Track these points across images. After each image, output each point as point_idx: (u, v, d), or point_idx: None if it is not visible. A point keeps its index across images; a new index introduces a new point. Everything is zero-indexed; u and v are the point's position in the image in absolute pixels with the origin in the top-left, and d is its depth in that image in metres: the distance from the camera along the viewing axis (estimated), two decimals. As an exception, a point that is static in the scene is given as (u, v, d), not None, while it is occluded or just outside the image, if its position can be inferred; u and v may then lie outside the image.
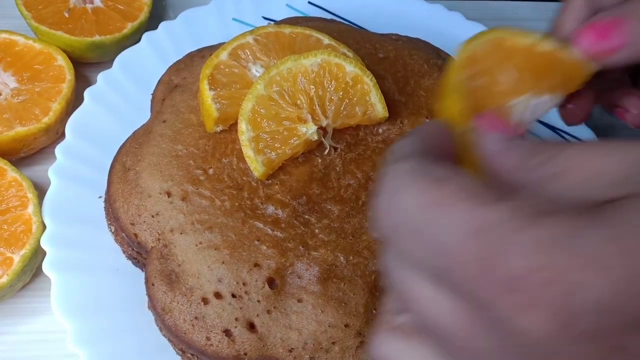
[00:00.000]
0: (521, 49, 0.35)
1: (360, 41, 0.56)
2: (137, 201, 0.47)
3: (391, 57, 0.55)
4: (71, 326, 0.44)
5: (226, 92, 0.48)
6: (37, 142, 0.56)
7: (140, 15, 0.63)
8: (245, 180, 0.47)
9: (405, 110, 0.51)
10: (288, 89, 0.47)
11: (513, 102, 0.34)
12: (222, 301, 0.43)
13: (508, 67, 0.35)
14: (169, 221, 0.45)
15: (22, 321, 0.50)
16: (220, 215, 0.45)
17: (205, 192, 0.46)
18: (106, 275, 0.48)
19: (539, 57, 0.36)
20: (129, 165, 0.49)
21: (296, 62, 0.47)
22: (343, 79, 0.47)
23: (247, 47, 0.50)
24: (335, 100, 0.47)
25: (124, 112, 0.56)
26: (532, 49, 0.36)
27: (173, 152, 0.48)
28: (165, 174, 0.47)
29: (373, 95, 0.48)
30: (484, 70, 0.34)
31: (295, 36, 0.51)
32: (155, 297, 0.44)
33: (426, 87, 0.54)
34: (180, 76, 0.54)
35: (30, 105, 0.55)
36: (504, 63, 0.35)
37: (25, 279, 0.49)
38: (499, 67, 0.35)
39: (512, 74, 0.35)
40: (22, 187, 0.51)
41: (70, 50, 0.60)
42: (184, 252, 0.44)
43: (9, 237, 0.48)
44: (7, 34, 0.59)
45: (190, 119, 0.50)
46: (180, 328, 0.43)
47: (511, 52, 0.35)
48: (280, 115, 0.46)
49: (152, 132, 0.50)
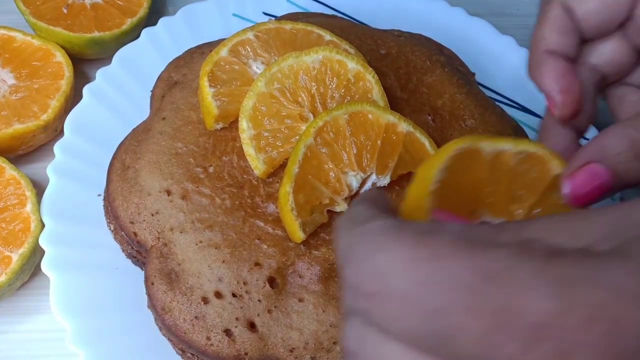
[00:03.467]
0: (490, 163, 0.36)
1: (362, 37, 0.55)
2: (137, 199, 0.46)
3: (393, 54, 0.55)
4: (70, 325, 0.44)
5: (226, 89, 0.48)
6: (36, 139, 0.55)
7: (139, 11, 0.63)
8: (245, 178, 0.46)
9: (407, 107, 0.51)
10: (289, 86, 0.46)
11: (483, 215, 0.35)
12: (222, 300, 0.42)
13: (480, 180, 0.35)
14: (169, 220, 0.45)
15: (22, 320, 0.49)
16: (221, 213, 0.45)
17: (206, 191, 0.46)
18: (105, 274, 0.48)
19: (513, 176, 0.36)
20: (129, 163, 0.48)
21: (297, 58, 0.46)
22: (345, 76, 0.47)
23: (248, 44, 0.49)
24: (337, 97, 0.47)
25: (123, 109, 0.56)
26: (503, 163, 0.36)
27: (173, 149, 0.48)
28: (164, 172, 0.47)
29: (375, 93, 0.47)
30: (455, 178, 0.34)
31: (296, 32, 0.50)
32: (155, 296, 0.43)
33: (428, 83, 0.53)
34: (179, 73, 0.54)
35: (29, 102, 0.55)
36: (475, 174, 0.35)
37: (24, 277, 0.49)
38: (471, 177, 0.35)
39: (487, 189, 0.35)
40: (20, 185, 0.50)
41: (68, 47, 0.60)
42: (184, 251, 0.44)
43: (7, 236, 0.48)
44: (5, 30, 0.58)
45: (190, 116, 0.50)
46: (180, 328, 0.42)
47: (483, 165, 0.36)
48: (281, 112, 0.46)
49: (152, 130, 0.49)
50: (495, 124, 0.52)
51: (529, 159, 0.37)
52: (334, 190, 0.43)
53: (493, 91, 0.62)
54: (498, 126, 0.52)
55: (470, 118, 0.51)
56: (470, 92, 0.53)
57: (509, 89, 0.62)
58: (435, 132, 0.50)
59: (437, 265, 0.19)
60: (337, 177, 0.43)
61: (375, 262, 0.21)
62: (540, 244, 0.20)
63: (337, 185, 0.43)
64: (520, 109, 0.61)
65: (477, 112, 0.52)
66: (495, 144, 0.36)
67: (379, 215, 0.23)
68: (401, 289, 0.20)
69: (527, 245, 0.20)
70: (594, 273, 0.18)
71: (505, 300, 0.18)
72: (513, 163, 0.36)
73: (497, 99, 0.62)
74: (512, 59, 0.64)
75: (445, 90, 0.52)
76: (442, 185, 0.33)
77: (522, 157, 0.37)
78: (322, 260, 0.43)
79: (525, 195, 0.37)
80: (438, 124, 0.50)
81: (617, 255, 0.19)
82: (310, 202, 0.42)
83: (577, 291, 0.18)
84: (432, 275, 0.19)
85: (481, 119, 0.52)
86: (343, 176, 0.43)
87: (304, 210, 0.42)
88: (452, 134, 0.50)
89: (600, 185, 0.35)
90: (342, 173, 0.43)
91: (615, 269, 0.18)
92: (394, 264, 0.20)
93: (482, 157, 0.36)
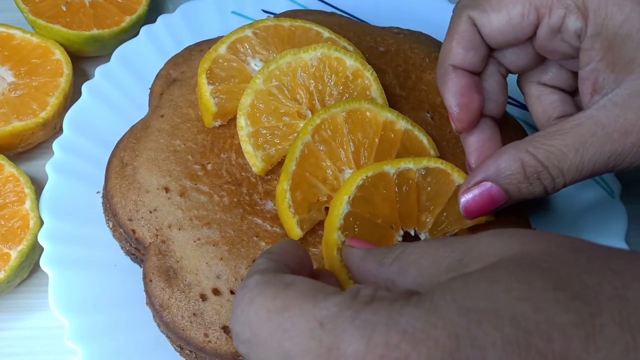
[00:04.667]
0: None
1: (360, 34, 0.55)
2: (135, 197, 0.46)
3: (392, 51, 0.55)
4: (69, 322, 0.44)
5: (225, 86, 0.48)
6: (35, 136, 0.55)
7: (138, 8, 0.63)
8: (244, 175, 0.46)
9: (406, 105, 0.51)
10: (287, 83, 0.46)
11: (398, 228, 0.42)
12: (220, 298, 0.42)
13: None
14: (167, 217, 0.45)
15: (20, 317, 0.49)
16: (219, 211, 0.45)
17: (204, 188, 0.46)
18: (104, 271, 0.48)
19: (418, 190, 0.42)
20: (127, 161, 0.48)
21: (296, 56, 0.46)
22: (343, 73, 0.47)
23: (246, 41, 0.49)
24: (335, 94, 0.47)
25: (122, 107, 0.56)
26: (408, 179, 0.42)
27: (171, 147, 0.48)
28: (163, 170, 0.47)
29: (374, 90, 0.47)
30: (366, 202, 0.41)
31: (294, 29, 0.50)
32: (153, 293, 0.43)
33: (427, 81, 0.53)
34: (178, 70, 0.54)
35: (28, 100, 0.55)
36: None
37: (22, 275, 0.49)
38: (383, 196, 0.41)
39: (399, 204, 0.42)
40: (19, 183, 0.50)
41: (67, 44, 0.60)
42: (182, 248, 0.44)
43: (6, 233, 0.48)
44: (4, 28, 0.59)
45: (189, 114, 0.50)
46: (179, 325, 0.42)
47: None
48: (279, 110, 0.46)
49: (150, 127, 0.49)
50: (494, 122, 0.52)
51: (430, 173, 0.42)
52: (332, 188, 0.43)
53: (492, 89, 0.62)
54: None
55: (469, 115, 0.51)
56: (469, 89, 0.53)
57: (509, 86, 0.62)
58: (434, 129, 0.50)
59: (287, 316, 0.24)
60: (334, 174, 0.43)
61: (247, 313, 0.26)
62: (368, 291, 0.25)
63: (335, 182, 0.43)
64: (520, 106, 0.60)
65: (475, 110, 0.52)
66: (398, 164, 0.42)
67: (260, 270, 0.28)
68: (263, 337, 0.25)
69: (358, 292, 0.25)
70: (393, 318, 0.23)
71: (333, 343, 0.23)
72: (417, 179, 0.42)
73: (496, 96, 0.62)
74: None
75: (444, 88, 0.52)
76: (351, 214, 0.40)
77: (424, 173, 0.42)
78: (320, 258, 0.43)
79: (432, 205, 0.42)
80: (437, 121, 0.50)
81: (420, 300, 0.24)
82: (307, 199, 0.42)
83: (376, 333, 0.22)
84: (283, 324, 0.24)
85: (480, 116, 0.51)
86: (340, 174, 0.43)
87: (302, 207, 0.42)
88: (451, 131, 0.50)
89: (491, 202, 0.39)
90: (339, 171, 0.43)
91: (409, 315, 0.23)
92: (258, 316, 0.25)
93: (389, 177, 0.41)
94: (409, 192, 0.42)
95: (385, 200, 0.41)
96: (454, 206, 0.43)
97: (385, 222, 0.41)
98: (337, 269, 0.39)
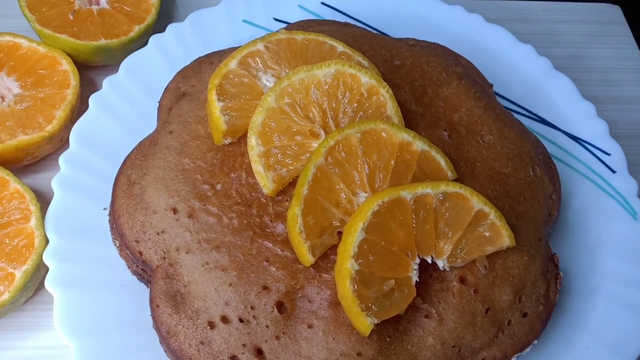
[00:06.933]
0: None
1: (375, 47, 0.53)
2: (142, 217, 0.45)
3: (408, 65, 0.53)
4: (74, 346, 0.43)
5: (235, 103, 0.46)
6: (41, 150, 0.54)
7: (147, 17, 0.61)
8: (254, 196, 0.45)
9: (422, 122, 0.49)
10: (300, 101, 0.44)
11: (414, 255, 0.41)
12: (229, 326, 0.41)
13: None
14: (175, 239, 0.44)
15: (26, 336, 0.48)
16: (228, 233, 0.43)
17: (213, 209, 0.44)
18: (111, 292, 0.46)
19: (436, 215, 0.41)
20: (134, 179, 0.47)
21: (309, 72, 0.45)
22: (358, 91, 0.45)
23: (258, 55, 0.48)
24: (349, 112, 0.45)
25: (130, 120, 0.54)
26: (426, 204, 0.41)
27: (180, 165, 0.46)
28: (171, 189, 0.45)
29: (389, 108, 0.46)
30: (382, 229, 0.40)
31: (307, 43, 0.48)
32: (160, 319, 0.42)
33: (445, 97, 0.51)
34: (187, 84, 0.52)
35: (34, 113, 0.54)
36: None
37: (27, 294, 0.48)
38: (400, 223, 0.40)
39: (416, 230, 0.41)
40: (24, 199, 0.49)
41: (75, 54, 0.58)
42: (190, 272, 0.43)
43: (10, 252, 0.47)
44: (11, 37, 0.57)
45: (198, 130, 0.48)
46: (186, 353, 0.41)
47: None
48: (291, 129, 0.44)
49: (158, 144, 0.48)
50: (514, 140, 0.50)
51: (448, 198, 0.41)
52: (345, 212, 0.41)
53: (511, 101, 0.60)
54: (517, 142, 0.50)
55: (488, 134, 0.49)
56: (489, 105, 0.51)
57: (528, 99, 0.60)
58: (451, 148, 0.48)
59: None
60: (348, 198, 0.41)
61: None
62: None
63: (349, 206, 0.41)
64: (540, 120, 0.59)
65: (495, 128, 0.50)
66: (415, 189, 0.40)
67: None
68: None
69: None
70: None
71: None
72: (434, 204, 0.40)
73: (514, 110, 0.60)
74: (530, 68, 0.62)
75: (462, 104, 0.50)
76: (366, 241, 0.38)
77: (442, 198, 0.41)
78: (333, 284, 0.41)
79: (451, 232, 0.41)
80: (454, 140, 0.49)
81: None
82: (320, 223, 0.41)
83: None
84: None
85: (499, 134, 0.49)
86: (354, 197, 0.41)
87: (313, 232, 0.41)
88: (469, 150, 0.48)
89: None
90: (353, 194, 0.41)
91: None
92: None
93: (405, 203, 0.40)
94: (426, 218, 0.40)
95: (402, 226, 0.40)
96: (473, 232, 0.41)
97: (400, 249, 0.40)
98: (349, 300, 0.38)
